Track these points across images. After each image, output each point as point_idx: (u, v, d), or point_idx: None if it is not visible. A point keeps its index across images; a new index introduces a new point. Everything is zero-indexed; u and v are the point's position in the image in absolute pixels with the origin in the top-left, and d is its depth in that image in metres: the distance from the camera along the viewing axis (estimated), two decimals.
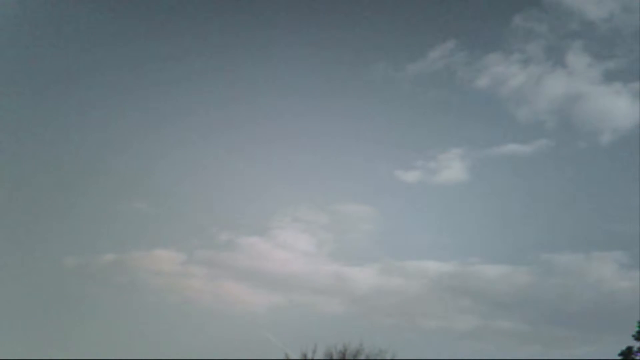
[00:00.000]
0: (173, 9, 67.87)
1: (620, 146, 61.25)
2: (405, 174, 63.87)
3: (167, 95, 65.77)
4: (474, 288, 56.24)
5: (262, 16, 67.04)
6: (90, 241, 58.70)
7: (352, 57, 67.01)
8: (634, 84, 61.11)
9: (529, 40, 65.71)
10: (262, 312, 56.15)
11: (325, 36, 66.85)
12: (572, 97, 63.29)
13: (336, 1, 68.85)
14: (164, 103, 65.76)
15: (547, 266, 57.24)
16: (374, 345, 35.84)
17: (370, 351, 35.83)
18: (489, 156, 63.35)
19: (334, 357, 35.64)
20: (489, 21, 67.75)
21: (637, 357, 35.69)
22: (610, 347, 38.47)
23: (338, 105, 66.08)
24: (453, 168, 63.34)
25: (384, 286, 57.70)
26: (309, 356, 35.37)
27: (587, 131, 62.63)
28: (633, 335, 35.97)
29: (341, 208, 62.88)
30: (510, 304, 55.23)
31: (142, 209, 61.65)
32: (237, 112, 65.20)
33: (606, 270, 55.28)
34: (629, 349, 35.89)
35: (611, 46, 63.42)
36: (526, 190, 62.91)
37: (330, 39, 67.04)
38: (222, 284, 58.85)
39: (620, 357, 36.12)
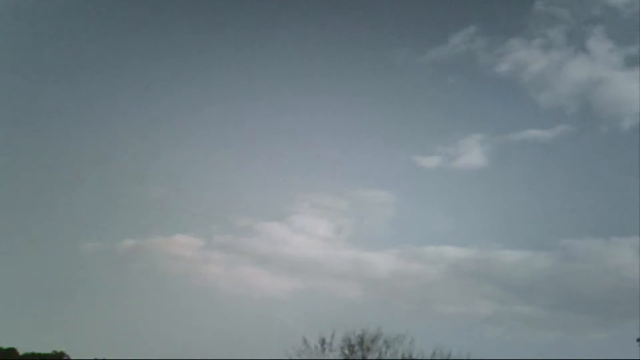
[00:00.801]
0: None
1: None
2: (424, 159, 63.62)
3: (189, 84, 65.91)
4: (493, 273, 56.09)
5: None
6: (110, 227, 59.14)
7: (374, 42, 66.70)
8: None
9: (551, 25, 65.05)
10: (280, 297, 56.33)
11: (348, 21, 66.68)
12: (593, 82, 62.69)
13: None
14: (186, 91, 65.96)
15: (566, 251, 56.98)
16: (393, 331, 35.58)
17: (388, 336, 35.55)
18: (509, 141, 62.91)
19: (352, 342, 35.31)
20: (510, 6, 67.07)
21: None
22: (629, 332, 38.08)
23: (358, 91, 65.83)
24: (473, 153, 63.02)
25: (403, 271, 57.69)
26: (328, 341, 35.06)
27: (608, 116, 62.02)
28: None
29: (360, 193, 62.82)
30: (529, 289, 54.92)
31: (161, 194, 61.98)
32: (257, 99, 65.23)
33: (625, 255, 54.75)
34: None
35: (633, 31, 62.40)
36: (546, 176, 62.51)
37: (352, 24, 66.81)
38: (240, 269, 59.13)
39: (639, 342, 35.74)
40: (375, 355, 33.70)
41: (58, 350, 45.94)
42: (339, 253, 59.55)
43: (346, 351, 33.34)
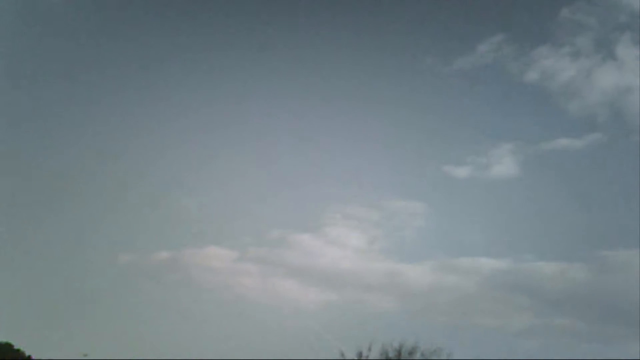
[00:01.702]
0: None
1: None
2: (455, 169, 63.58)
3: (224, 99, 66.28)
4: (529, 285, 55.72)
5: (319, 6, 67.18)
6: (145, 239, 59.53)
7: (402, 51, 66.91)
8: None
9: (578, 33, 64.87)
10: (314, 309, 56.39)
11: (376, 30, 66.94)
12: (623, 90, 62.34)
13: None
14: (219, 105, 66.33)
15: (602, 263, 56.56)
16: (430, 344, 35.45)
17: (426, 349, 35.45)
18: (540, 151, 62.73)
19: (390, 356, 35.31)
20: (537, 14, 67.06)
21: None
22: None
23: (387, 101, 65.99)
24: (504, 163, 62.86)
25: (438, 283, 57.40)
26: (365, 354, 35.01)
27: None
28: None
29: (392, 204, 62.78)
30: (566, 301, 54.57)
31: (194, 206, 62.26)
32: (289, 111, 65.52)
33: None
34: None
35: None
36: (579, 185, 62.21)
37: (381, 32, 67.08)
38: (274, 281, 59.18)
39: None
40: None
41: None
42: (372, 265, 59.57)
43: None
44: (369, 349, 35.11)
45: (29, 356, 44.61)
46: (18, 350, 44.70)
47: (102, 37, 67.46)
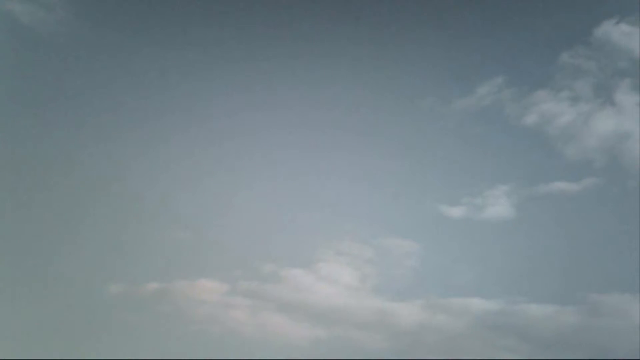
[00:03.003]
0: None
1: None
2: (450, 209, 63.36)
3: (211, 122, 66.18)
4: (519, 327, 55.35)
5: (313, 44, 67.53)
6: (135, 269, 59.26)
7: (401, 90, 66.90)
8: None
9: (578, 77, 65.06)
10: (305, 345, 55.94)
11: (375, 68, 67.20)
12: (621, 135, 62.26)
13: (385, 36, 69.11)
14: (205, 131, 66.26)
15: (594, 307, 56.10)
16: None
17: None
18: (536, 193, 62.54)
19: None
20: (537, 58, 67.36)
21: None
22: None
23: (384, 138, 65.93)
24: (499, 205, 62.71)
25: (427, 323, 57.08)
26: None
27: (637, 170, 61.59)
28: None
29: (385, 242, 62.54)
30: (556, 344, 54.15)
31: (185, 238, 62.06)
32: (283, 146, 65.36)
33: None
34: None
35: None
36: (574, 229, 61.82)
37: (378, 72, 67.39)
38: (265, 315, 58.78)
39: None
40: None
41: None
42: (363, 302, 59.17)
43: None
44: None
45: None
46: None
47: (97, 59, 67.64)
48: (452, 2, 69.00)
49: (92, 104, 66.27)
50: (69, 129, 64.96)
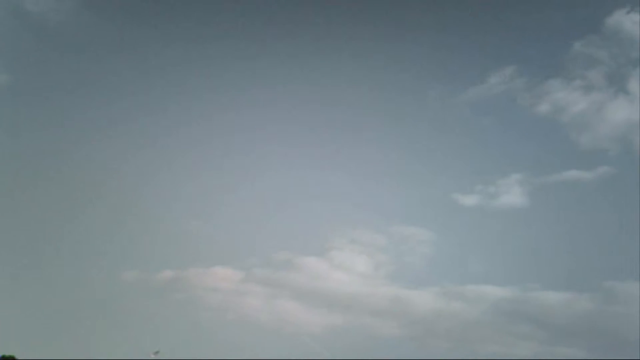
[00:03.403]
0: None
1: None
2: (464, 197, 63.53)
3: (227, 119, 66.65)
4: (534, 314, 55.46)
5: (322, 40, 67.58)
6: (150, 257, 59.46)
7: (413, 81, 67.32)
8: None
9: (590, 66, 65.29)
10: (319, 331, 56.12)
11: (389, 59, 67.33)
12: (634, 124, 62.40)
13: (395, 26, 69.13)
14: (223, 125, 66.55)
15: (608, 294, 56.19)
16: None
17: None
18: (549, 182, 62.73)
19: None
20: (549, 47, 67.53)
21: None
22: None
23: (397, 129, 66.29)
24: (512, 193, 62.84)
25: (442, 310, 57.20)
26: None
27: None
28: None
29: (399, 230, 62.71)
30: (571, 331, 54.24)
31: (200, 226, 62.22)
32: (299, 136, 65.76)
33: None
34: None
35: None
36: (588, 217, 62.00)
37: (394, 61, 67.52)
38: (279, 302, 59.00)
39: None
40: None
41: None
42: (377, 290, 59.39)
43: None
44: None
45: None
46: None
47: (104, 50, 67.93)
48: None
49: (102, 92, 66.54)
50: (79, 116, 65.22)
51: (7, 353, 44.68)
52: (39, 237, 57.54)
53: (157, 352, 44.51)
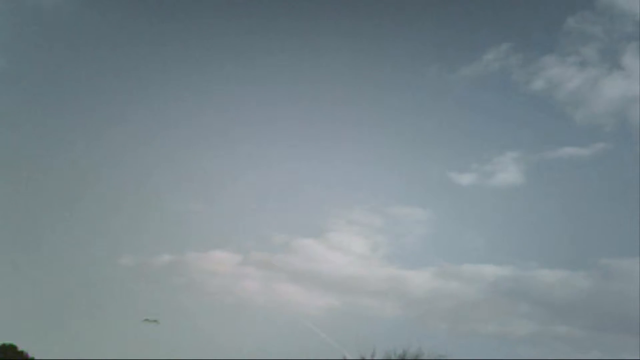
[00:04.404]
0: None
1: None
2: (460, 176, 63.57)
3: (225, 102, 66.46)
4: (531, 293, 55.83)
5: (318, 19, 67.17)
6: (147, 241, 59.54)
7: (407, 58, 67.01)
8: None
9: (584, 42, 64.95)
10: (317, 313, 56.39)
11: (382, 36, 67.04)
12: (629, 99, 62.28)
13: (390, 5, 68.77)
14: (221, 107, 66.43)
15: (606, 271, 56.57)
16: (430, 349, 35.31)
17: (429, 356, 35.32)
18: (545, 159, 62.74)
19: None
20: (543, 24, 67.33)
21: None
22: None
23: (392, 107, 66.08)
24: (509, 171, 62.83)
25: (440, 290, 57.48)
26: (368, 359, 34.98)
27: None
28: None
29: (395, 210, 62.76)
30: (568, 309, 54.68)
31: (198, 210, 62.26)
32: (292, 116, 65.52)
33: None
34: None
35: None
36: (584, 194, 62.22)
37: (387, 39, 67.22)
38: (277, 285, 59.22)
39: None
40: None
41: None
42: (375, 270, 59.55)
43: None
44: (373, 354, 35.04)
45: (32, 358, 44.76)
46: (22, 352, 44.83)
47: (103, 40, 67.59)
48: None
49: (101, 82, 66.25)
50: (77, 107, 64.99)
51: (7, 341, 44.93)
52: (35, 224, 57.61)
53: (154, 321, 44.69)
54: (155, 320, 44.06)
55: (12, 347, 45.30)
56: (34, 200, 58.75)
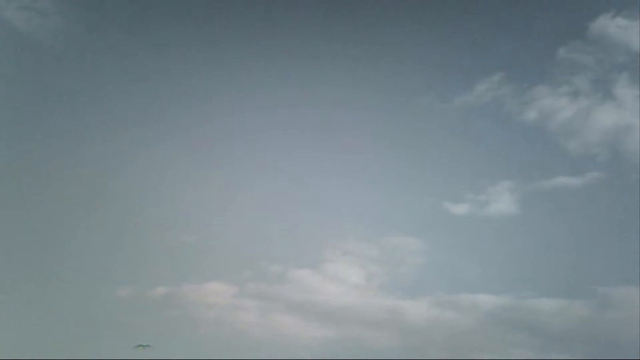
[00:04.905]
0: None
1: None
2: (454, 206, 63.62)
3: (212, 124, 66.33)
4: (528, 322, 55.70)
5: (313, 44, 67.49)
6: (142, 274, 59.21)
7: (399, 89, 67.31)
8: None
9: (576, 72, 65.55)
10: (314, 345, 56.10)
11: (374, 65, 67.36)
12: (622, 129, 62.80)
13: (384, 34, 69.23)
14: (207, 133, 66.34)
15: (603, 300, 56.40)
16: None
17: None
18: (539, 189, 62.95)
19: None
20: (535, 54, 67.82)
21: None
22: None
23: (385, 137, 66.29)
24: (503, 201, 63.02)
25: (437, 320, 57.33)
26: None
27: (638, 162, 61.94)
28: None
29: (390, 240, 62.73)
30: (566, 338, 54.49)
31: (192, 241, 62.00)
32: (285, 146, 65.58)
33: None
34: None
35: None
36: (579, 223, 62.17)
37: (378, 71, 67.53)
38: (273, 317, 58.91)
39: None
40: None
41: None
42: (371, 301, 59.37)
43: None
44: None
45: None
46: None
47: (100, 57, 67.56)
48: (449, 0, 69.44)
49: (91, 108, 66.20)
50: (70, 134, 64.82)
51: None
52: (32, 255, 57.31)
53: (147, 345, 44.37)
54: (147, 345, 43.85)
55: None
56: (31, 232, 58.41)
